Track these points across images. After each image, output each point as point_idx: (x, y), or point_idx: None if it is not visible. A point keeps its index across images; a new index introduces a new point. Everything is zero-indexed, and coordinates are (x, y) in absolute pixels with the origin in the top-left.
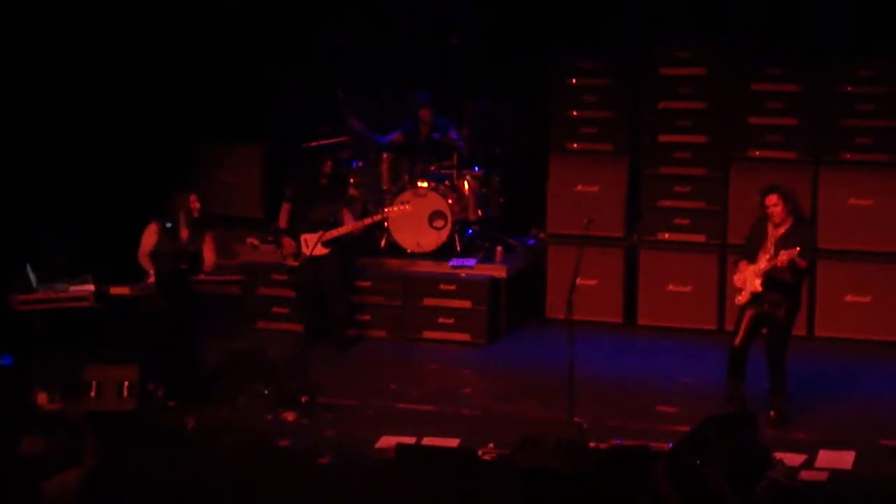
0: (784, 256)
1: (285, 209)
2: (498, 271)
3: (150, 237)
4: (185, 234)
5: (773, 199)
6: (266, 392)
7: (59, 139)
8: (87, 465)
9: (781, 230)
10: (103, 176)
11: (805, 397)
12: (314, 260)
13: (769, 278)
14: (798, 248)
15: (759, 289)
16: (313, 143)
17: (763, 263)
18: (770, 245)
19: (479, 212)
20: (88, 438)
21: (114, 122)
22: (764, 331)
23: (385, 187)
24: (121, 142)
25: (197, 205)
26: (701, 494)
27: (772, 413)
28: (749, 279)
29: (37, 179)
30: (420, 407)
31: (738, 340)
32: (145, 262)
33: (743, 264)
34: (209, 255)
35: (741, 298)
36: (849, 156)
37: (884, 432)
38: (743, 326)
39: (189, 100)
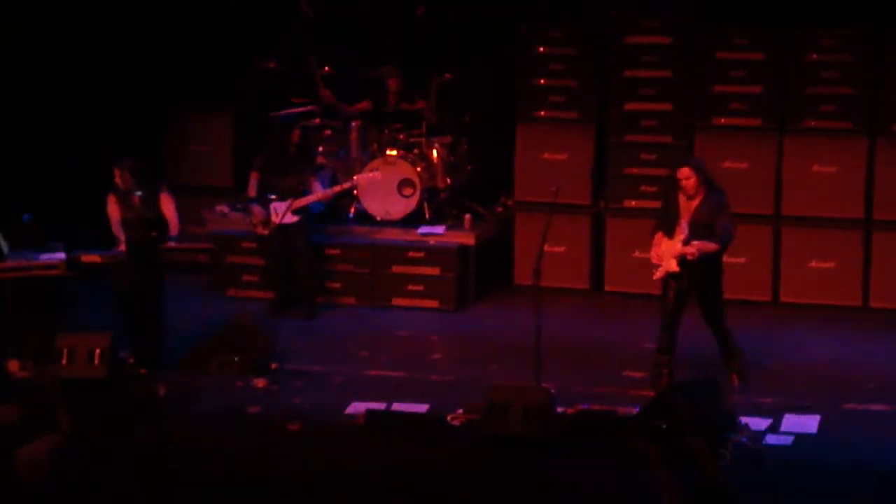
0: (693, 249)
1: (254, 178)
2: (466, 239)
3: (112, 208)
4: (136, 199)
5: (685, 172)
6: (236, 359)
7: (28, 109)
8: (59, 432)
9: (695, 202)
10: (74, 145)
11: (770, 362)
12: (283, 228)
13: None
14: (716, 246)
15: (676, 269)
16: (281, 112)
17: (678, 245)
18: (684, 222)
19: (448, 180)
20: (60, 406)
21: (85, 90)
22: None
23: (354, 155)
24: (91, 110)
25: (117, 180)
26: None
27: (734, 377)
28: (665, 257)
29: (7, 149)
30: (389, 373)
31: (668, 320)
32: (118, 232)
33: (659, 236)
34: (170, 214)
35: (658, 274)
36: (813, 123)
37: (848, 397)
38: (670, 306)
39: (159, 69)
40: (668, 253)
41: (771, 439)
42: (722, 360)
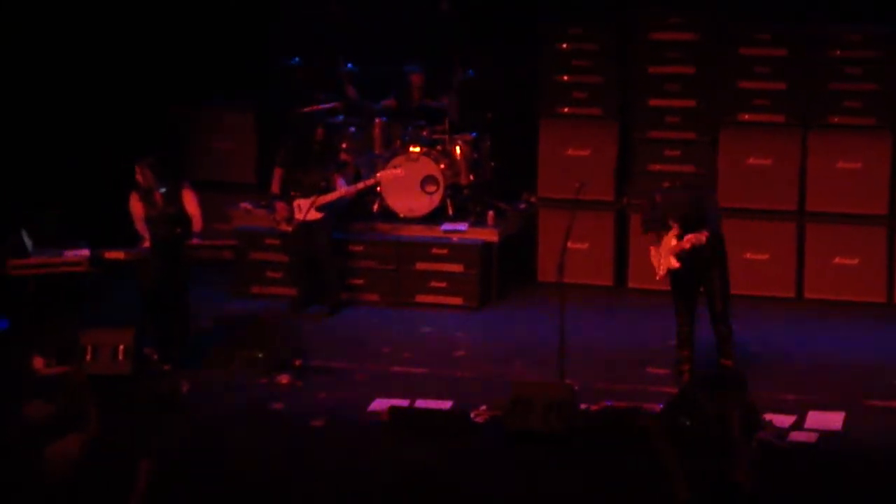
0: (687, 245)
1: (278, 174)
2: (490, 235)
3: (135, 205)
4: (158, 196)
5: None
6: (260, 356)
7: (51, 106)
8: (88, 431)
9: None
10: (96, 142)
11: (794, 359)
12: (307, 225)
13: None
14: (706, 234)
15: (677, 265)
16: (305, 109)
17: (672, 241)
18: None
19: (471, 176)
20: (90, 405)
21: (107, 87)
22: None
23: (377, 152)
24: (113, 107)
25: (139, 177)
26: (702, 447)
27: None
28: (663, 255)
29: (29, 146)
30: (413, 370)
31: (682, 315)
32: (142, 229)
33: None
34: (193, 210)
35: (660, 273)
36: (837, 119)
37: (872, 393)
38: (683, 300)
39: (182, 65)
40: (665, 251)
41: (795, 436)
42: (717, 357)
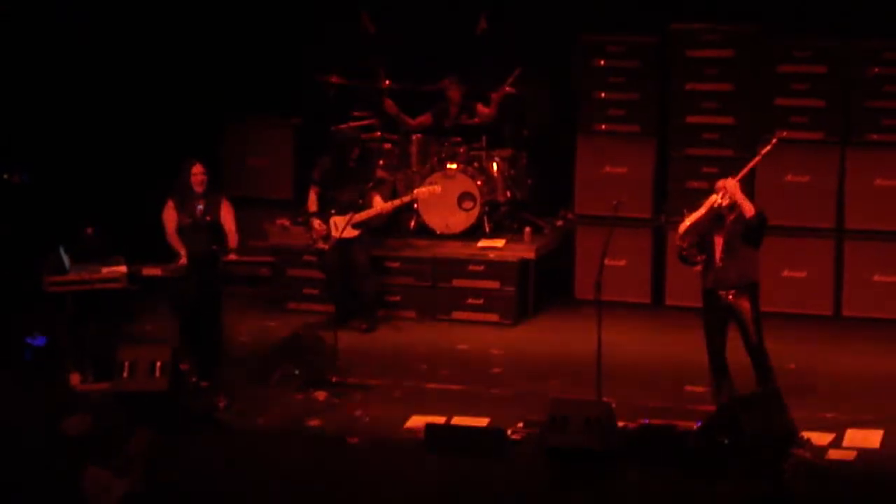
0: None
1: (314, 192)
2: (527, 252)
3: (169, 215)
4: (199, 205)
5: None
6: (297, 372)
7: (91, 122)
8: (132, 483)
9: (732, 217)
10: (135, 159)
11: (832, 377)
12: (344, 242)
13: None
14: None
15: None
16: (341, 126)
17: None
18: (720, 239)
19: (508, 193)
20: (143, 466)
21: (145, 102)
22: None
23: (414, 169)
24: (152, 124)
25: (202, 177)
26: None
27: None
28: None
29: (69, 161)
30: (449, 387)
31: (713, 340)
32: (175, 242)
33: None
34: (229, 223)
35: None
36: (875, 136)
37: None
38: (714, 326)
39: (220, 82)
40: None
41: (833, 454)
42: (756, 381)
